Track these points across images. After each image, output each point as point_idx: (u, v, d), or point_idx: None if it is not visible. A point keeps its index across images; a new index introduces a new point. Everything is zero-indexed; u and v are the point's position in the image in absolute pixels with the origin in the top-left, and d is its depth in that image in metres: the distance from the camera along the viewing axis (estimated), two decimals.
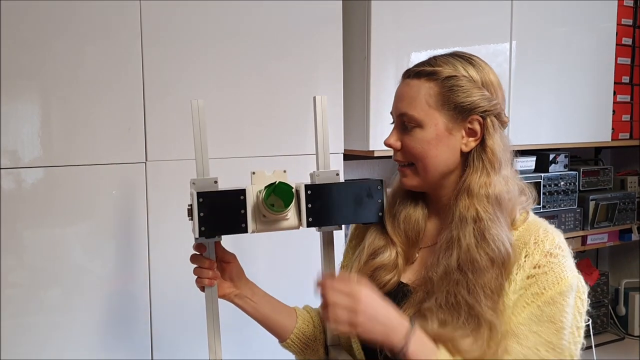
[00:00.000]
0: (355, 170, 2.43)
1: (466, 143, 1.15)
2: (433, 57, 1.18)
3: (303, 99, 1.89)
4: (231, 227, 1.16)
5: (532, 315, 1.07)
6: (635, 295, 2.88)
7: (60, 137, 1.59)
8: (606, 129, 2.68)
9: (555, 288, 1.07)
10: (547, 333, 1.06)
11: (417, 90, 1.15)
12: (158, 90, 1.69)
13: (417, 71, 1.16)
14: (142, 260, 1.69)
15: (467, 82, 1.13)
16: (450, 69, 1.14)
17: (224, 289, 1.26)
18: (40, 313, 1.58)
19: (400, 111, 1.17)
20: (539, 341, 1.06)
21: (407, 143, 1.16)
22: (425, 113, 1.13)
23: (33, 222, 1.57)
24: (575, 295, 1.10)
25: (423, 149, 1.15)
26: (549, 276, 1.08)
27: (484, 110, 1.13)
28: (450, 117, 1.13)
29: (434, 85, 1.13)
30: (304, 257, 1.77)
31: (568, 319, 1.07)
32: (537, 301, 1.07)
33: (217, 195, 1.15)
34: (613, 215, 2.76)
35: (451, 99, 1.13)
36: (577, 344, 1.10)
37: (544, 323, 1.06)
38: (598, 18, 2.60)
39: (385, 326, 1.02)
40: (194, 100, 1.19)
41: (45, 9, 1.55)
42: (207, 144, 1.20)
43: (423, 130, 1.14)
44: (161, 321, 1.72)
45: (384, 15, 2.05)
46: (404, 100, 1.16)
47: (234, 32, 1.79)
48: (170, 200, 1.69)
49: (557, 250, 1.10)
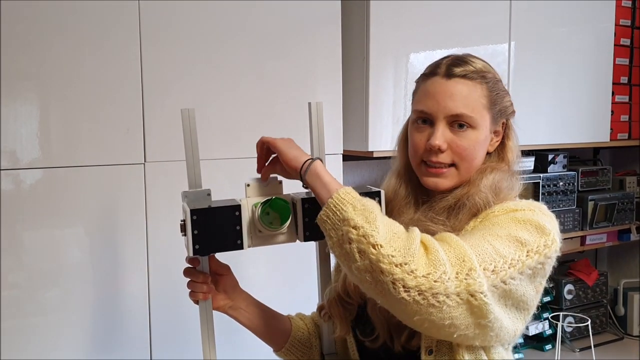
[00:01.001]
0: (355, 171, 2.43)
1: (492, 144, 1.21)
2: (467, 56, 1.20)
3: (302, 100, 1.88)
4: (226, 245, 1.12)
5: (473, 230, 1.11)
6: (634, 295, 2.88)
7: (59, 138, 1.59)
8: (605, 130, 2.68)
9: (503, 213, 1.11)
10: (491, 231, 1.07)
11: (472, 91, 1.15)
12: (157, 91, 1.69)
13: (466, 72, 1.16)
14: (141, 261, 1.69)
15: (502, 86, 1.20)
16: (492, 72, 1.19)
17: (218, 302, 1.25)
18: (39, 314, 1.58)
19: (454, 111, 1.15)
20: (482, 233, 1.07)
21: (458, 144, 1.15)
22: (480, 114, 1.16)
23: (32, 223, 1.57)
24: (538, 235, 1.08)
25: (474, 150, 1.16)
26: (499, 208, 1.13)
27: (509, 114, 1.22)
28: (494, 119, 1.18)
29: (486, 88, 1.17)
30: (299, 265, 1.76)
31: (515, 231, 1.07)
32: (483, 222, 1.11)
33: (211, 212, 1.10)
34: (612, 216, 2.76)
35: (497, 102, 1.18)
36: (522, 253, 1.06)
37: (487, 229, 1.08)
38: (596, 18, 2.61)
39: (298, 150, 1.13)
40: (184, 109, 1.16)
41: (43, 9, 1.55)
42: (199, 153, 1.17)
43: (476, 131, 1.16)
44: (160, 322, 1.71)
45: (383, 15, 2.05)
46: (457, 100, 1.15)
47: (232, 32, 1.79)
48: (169, 201, 1.68)
49: (518, 204, 1.13)
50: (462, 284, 0.96)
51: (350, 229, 0.98)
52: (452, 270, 0.97)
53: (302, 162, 1.10)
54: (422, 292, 0.94)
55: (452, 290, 0.96)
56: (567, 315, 2.64)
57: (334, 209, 1.01)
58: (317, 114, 1.21)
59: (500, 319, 1.03)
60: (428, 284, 0.94)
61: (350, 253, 0.98)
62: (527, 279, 1.06)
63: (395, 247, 0.96)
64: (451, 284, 0.96)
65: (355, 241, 0.97)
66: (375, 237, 0.96)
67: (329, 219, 1.01)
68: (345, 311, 1.23)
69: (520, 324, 1.10)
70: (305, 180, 1.10)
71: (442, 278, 0.95)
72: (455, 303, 0.96)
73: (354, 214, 0.99)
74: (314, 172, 1.08)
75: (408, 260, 0.95)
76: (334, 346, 1.32)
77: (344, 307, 1.23)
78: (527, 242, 1.05)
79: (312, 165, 1.09)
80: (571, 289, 2.72)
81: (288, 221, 1.15)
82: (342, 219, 0.99)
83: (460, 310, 0.97)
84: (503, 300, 1.04)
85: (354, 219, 0.98)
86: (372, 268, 0.96)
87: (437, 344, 1.09)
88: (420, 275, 0.95)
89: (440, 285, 0.95)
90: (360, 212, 0.99)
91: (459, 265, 0.98)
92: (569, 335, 2.68)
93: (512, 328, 1.08)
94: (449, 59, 1.19)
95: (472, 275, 0.97)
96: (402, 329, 1.13)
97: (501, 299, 1.03)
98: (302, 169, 1.09)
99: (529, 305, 1.09)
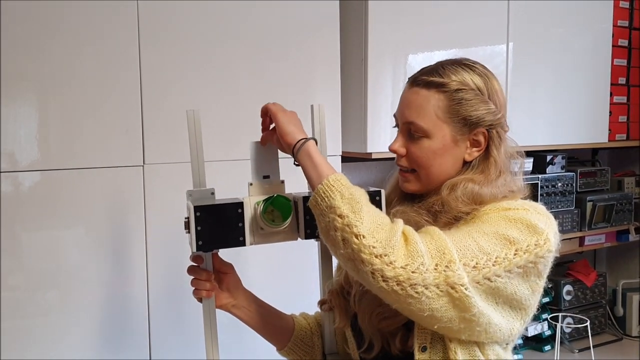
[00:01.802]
0: (354, 173, 2.43)
1: (470, 153, 1.18)
2: (440, 64, 1.19)
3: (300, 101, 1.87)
4: (229, 241, 1.15)
5: (462, 226, 1.11)
6: (633, 295, 2.88)
7: (57, 140, 1.58)
8: (603, 130, 2.69)
9: (495, 211, 1.11)
10: (478, 228, 1.07)
11: (426, 101, 1.15)
12: (155, 92, 1.69)
13: (426, 81, 1.16)
14: (140, 264, 1.69)
15: (474, 96, 1.15)
16: (458, 81, 1.15)
17: (221, 300, 1.27)
18: (38, 316, 1.58)
19: (407, 119, 1.17)
20: (468, 230, 1.08)
21: (413, 151, 1.18)
22: (434, 124, 1.15)
23: (31, 225, 1.56)
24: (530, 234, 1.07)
25: (428, 158, 1.16)
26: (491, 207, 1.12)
27: (489, 123, 1.16)
28: (457, 129, 1.16)
29: (444, 97, 1.15)
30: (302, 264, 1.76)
31: (503, 228, 1.07)
32: (474, 220, 1.11)
33: (214, 208, 1.13)
34: (610, 216, 2.76)
35: (459, 112, 1.15)
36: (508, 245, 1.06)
37: (476, 225, 1.08)
38: (594, 19, 2.61)
39: (296, 127, 1.14)
40: (189, 110, 1.18)
41: (42, 11, 1.54)
42: (203, 154, 1.19)
43: (430, 141, 1.16)
44: (159, 324, 1.71)
45: (382, 17, 2.06)
46: (412, 109, 1.17)
47: (231, 34, 1.79)
48: (168, 203, 1.68)
49: (512, 203, 1.12)
50: (441, 276, 0.98)
51: (336, 217, 1.01)
52: (432, 262, 0.99)
53: (296, 140, 1.12)
54: (400, 282, 0.97)
55: (430, 282, 0.98)
56: (566, 316, 2.64)
57: (323, 195, 1.03)
58: (320, 116, 1.25)
59: (487, 314, 1.04)
60: (406, 274, 0.97)
61: (335, 240, 1.01)
62: (518, 278, 1.06)
63: (377, 238, 0.99)
64: (429, 275, 0.98)
65: (340, 229, 1.00)
66: (359, 227, 0.99)
67: (318, 204, 1.04)
68: (347, 302, 1.24)
69: (517, 323, 1.10)
70: (297, 158, 1.12)
71: (419, 269, 0.97)
72: (435, 295, 0.98)
73: (341, 202, 1.01)
74: (306, 151, 1.10)
75: (388, 251, 0.98)
76: (335, 346, 1.33)
77: (345, 298, 1.24)
78: (516, 240, 1.05)
79: (305, 145, 1.11)
80: (570, 290, 2.72)
81: (289, 218, 1.17)
82: (329, 206, 1.02)
83: (441, 302, 0.99)
84: (492, 298, 1.05)
85: (340, 207, 1.01)
86: (353, 257, 0.99)
87: (431, 341, 1.10)
88: (399, 267, 0.97)
89: (418, 277, 0.97)
90: (347, 200, 1.01)
91: (438, 258, 1.00)
92: (568, 336, 2.69)
93: (506, 327, 1.08)
94: (428, 67, 1.20)
95: (451, 268, 0.99)
96: (395, 333, 1.14)
97: (489, 295, 1.04)
98: (295, 146, 1.11)
99: (524, 304, 1.09)
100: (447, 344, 1.08)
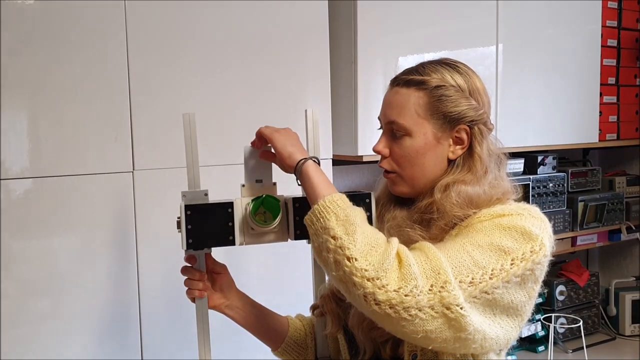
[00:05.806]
0: (345, 176, 2.42)
1: (453, 151, 1.16)
2: (421, 64, 1.19)
3: (290, 104, 1.88)
4: (219, 240, 1.17)
5: (456, 237, 1.09)
6: (625, 295, 2.89)
7: (47, 147, 1.58)
8: (593, 130, 2.69)
9: (488, 218, 1.09)
10: (472, 240, 1.06)
11: (406, 99, 1.15)
12: (144, 98, 1.68)
13: (406, 80, 1.16)
14: (131, 269, 1.68)
15: (454, 92, 1.14)
16: (438, 78, 1.15)
17: (214, 300, 1.27)
18: (29, 323, 1.56)
19: (389, 119, 1.18)
20: (462, 242, 1.06)
21: (396, 151, 1.17)
22: (415, 122, 1.15)
23: (21, 233, 1.55)
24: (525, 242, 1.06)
25: (411, 157, 1.16)
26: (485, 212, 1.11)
27: (471, 119, 1.15)
28: (438, 126, 1.15)
29: (423, 94, 1.14)
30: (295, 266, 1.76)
31: (497, 238, 1.05)
32: (468, 228, 1.09)
33: (204, 208, 1.15)
34: (602, 216, 2.77)
35: (440, 109, 1.14)
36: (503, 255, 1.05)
37: (470, 236, 1.07)
38: (583, 20, 2.62)
39: (294, 147, 1.15)
40: (185, 114, 1.20)
41: (30, 17, 1.54)
42: (198, 157, 1.21)
43: (412, 139, 1.15)
44: (151, 330, 1.70)
45: (371, 19, 2.06)
46: (393, 108, 1.17)
47: (219, 38, 1.79)
48: (159, 208, 1.68)
49: (506, 208, 1.11)
50: (437, 297, 0.96)
51: (329, 239, 1.00)
52: (427, 283, 0.97)
53: (296, 162, 1.12)
54: (393, 306, 0.95)
55: (424, 304, 0.96)
56: (559, 316, 2.64)
57: (318, 215, 1.02)
58: (313, 121, 1.27)
59: (483, 330, 1.01)
60: (399, 298, 0.95)
61: (328, 261, 1.00)
62: (516, 287, 1.04)
63: (370, 261, 0.97)
64: (423, 297, 0.96)
65: (333, 251, 0.99)
66: (351, 249, 0.98)
67: (313, 224, 1.03)
68: (339, 308, 1.24)
69: (514, 331, 1.09)
70: (298, 179, 1.13)
71: (413, 292, 0.96)
72: (430, 316, 0.96)
73: (335, 224, 1.00)
74: (305, 172, 1.10)
75: (380, 275, 0.96)
76: (327, 350, 1.33)
77: (337, 303, 1.24)
78: (512, 250, 1.04)
79: (303, 166, 1.11)
80: (563, 290, 2.73)
81: (278, 218, 1.18)
82: (324, 227, 1.01)
83: (435, 324, 0.97)
84: (490, 310, 1.03)
85: (334, 228, 1.00)
86: (345, 279, 0.98)
87: (421, 349, 1.09)
88: (392, 290, 0.96)
89: (412, 299, 0.95)
90: (342, 222, 1.00)
91: (433, 278, 0.98)
92: (561, 336, 2.69)
93: (504, 337, 1.07)
94: (409, 67, 1.20)
95: (446, 288, 0.97)
96: (387, 340, 1.14)
97: (487, 308, 1.02)
98: (295, 168, 1.12)
99: (520, 311, 1.08)
100: (439, 352, 1.07)
